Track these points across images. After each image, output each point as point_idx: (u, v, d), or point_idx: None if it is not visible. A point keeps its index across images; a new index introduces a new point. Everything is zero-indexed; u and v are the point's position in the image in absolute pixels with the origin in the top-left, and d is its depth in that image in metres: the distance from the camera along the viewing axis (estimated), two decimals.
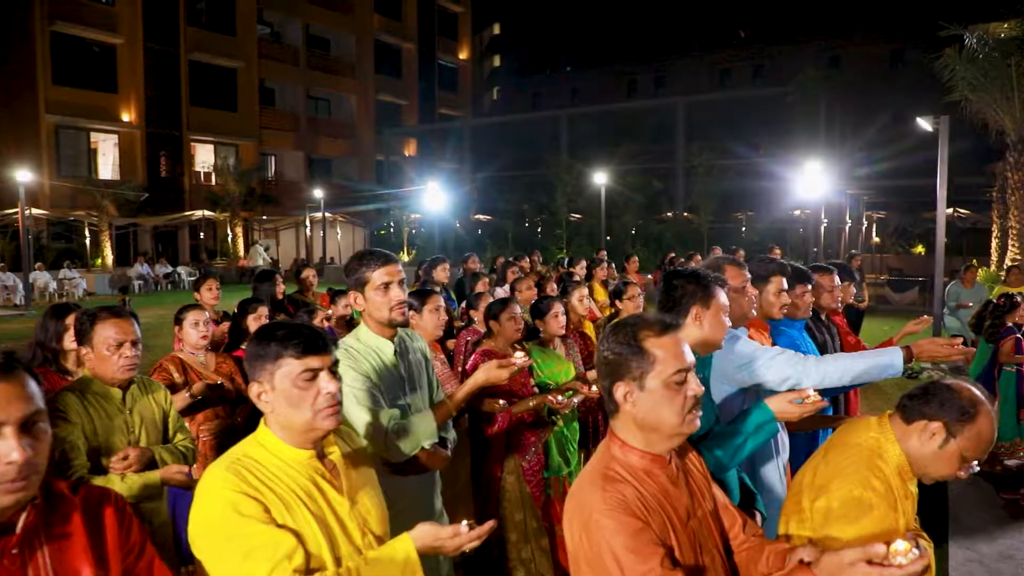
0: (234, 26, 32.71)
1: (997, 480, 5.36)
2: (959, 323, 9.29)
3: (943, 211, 10.25)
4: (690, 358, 1.58)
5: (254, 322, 4.39)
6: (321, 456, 1.70)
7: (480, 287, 6.65)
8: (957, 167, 15.46)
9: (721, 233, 24.00)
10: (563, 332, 4.07)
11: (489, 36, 56.61)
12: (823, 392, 2.83)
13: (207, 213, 28.88)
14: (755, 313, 2.70)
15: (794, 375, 2.43)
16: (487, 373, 2.30)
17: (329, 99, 38.88)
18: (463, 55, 46.27)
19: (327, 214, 31.83)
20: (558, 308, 3.99)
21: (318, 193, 27.33)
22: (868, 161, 25.83)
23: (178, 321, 3.86)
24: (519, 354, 2.13)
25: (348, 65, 38.30)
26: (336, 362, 1.68)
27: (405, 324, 2.41)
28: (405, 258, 27.10)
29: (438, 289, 6.02)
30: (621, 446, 1.59)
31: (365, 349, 2.37)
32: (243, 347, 4.26)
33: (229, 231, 30.41)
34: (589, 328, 4.73)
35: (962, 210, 21.83)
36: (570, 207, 25.73)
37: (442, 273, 6.81)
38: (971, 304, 9.11)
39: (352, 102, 38.82)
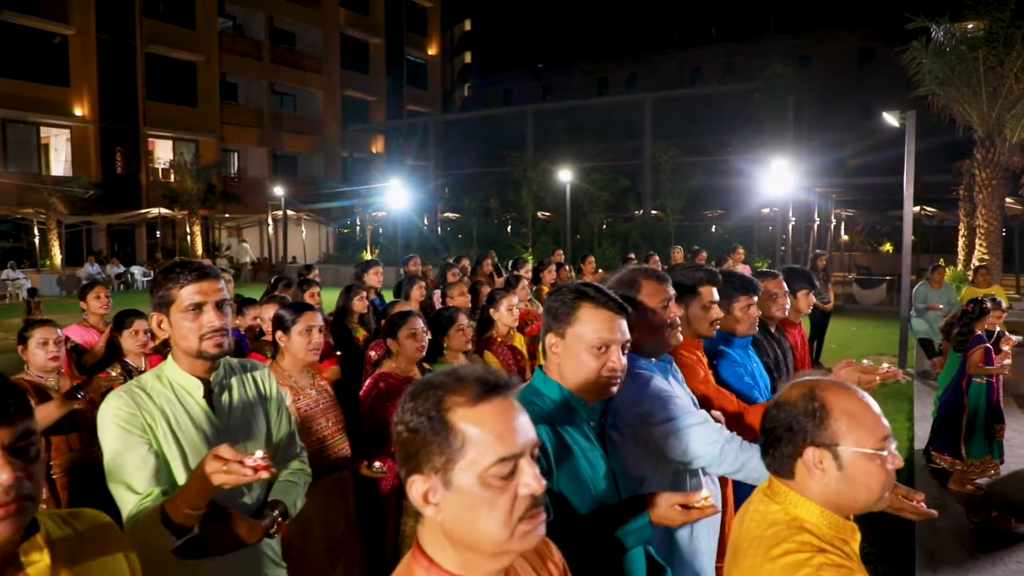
0: (194, 18, 31.84)
1: (967, 501, 4.95)
2: (927, 325, 8.97)
3: (910, 209, 9.92)
4: (525, 437, 1.06)
5: (130, 338, 3.83)
6: (16, 567, 1.17)
7: (415, 292, 6.13)
8: (925, 165, 15.26)
9: (689, 232, 23.66)
10: (468, 347, 3.58)
11: (460, 32, 55.97)
12: None
13: (164, 211, 27.92)
14: (677, 338, 2.19)
15: (707, 456, 1.92)
16: (209, 467, 1.53)
17: (294, 94, 38.08)
18: (432, 51, 45.60)
19: (291, 212, 31.06)
20: (462, 321, 3.49)
21: (278, 191, 26.52)
22: (836, 159, 25.71)
23: (22, 340, 3.28)
24: (259, 452, 1.53)
25: (314, 60, 37.52)
26: (29, 433, 1.14)
27: (223, 356, 1.87)
28: (368, 257, 26.41)
29: (364, 294, 5.51)
30: (427, 568, 1.07)
31: (162, 391, 1.82)
32: (111, 368, 3.70)
33: (188, 229, 29.50)
34: (519, 340, 4.23)
35: (929, 208, 21.73)
36: (538, 205, 25.26)
37: (374, 277, 6.26)
38: (941, 306, 8.80)
39: (318, 98, 38.02)
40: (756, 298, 2.99)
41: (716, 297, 2.65)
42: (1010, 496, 5.03)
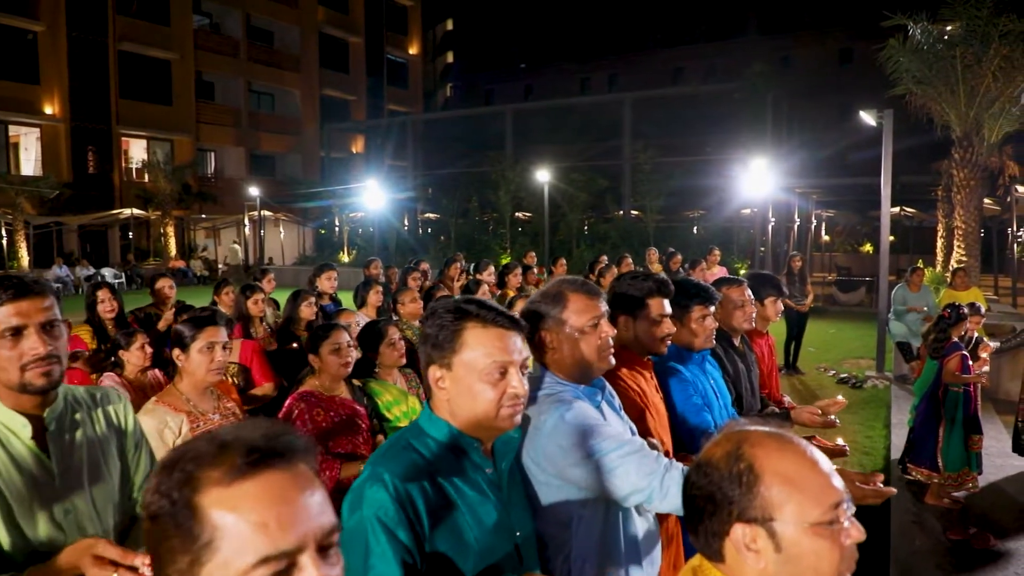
0: (168, 15, 31.32)
1: (944, 516, 4.72)
2: (905, 328, 8.78)
3: (888, 209, 9.75)
4: (309, 523, 0.77)
5: None
6: None
7: (372, 297, 5.83)
8: (905, 166, 15.16)
9: (669, 232, 23.46)
10: (403, 362, 3.29)
11: (442, 32, 55.67)
12: None
13: (136, 211, 27.38)
14: (610, 362, 1.90)
15: (646, 490, 1.61)
16: (92, 573, 1.29)
17: (273, 93, 37.60)
18: (413, 50, 45.22)
19: (269, 213, 30.63)
20: (393, 335, 3.20)
21: (253, 191, 26.07)
22: (816, 159, 25.64)
23: None
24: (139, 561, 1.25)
25: (292, 58, 37.08)
26: None
27: (52, 387, 1.57)
28: (345, 259, 26.02)
29: (313, 299, 5.19)
30: None
31: None
32: None
33: (162, 230, 28.99)
34: None
35: (908, 209, 21.69)
36: (517, 206, 24.96)
37: (327, 282, 5.95)
38: (925, 308, 8.64)
39: (296, 97, 37.55)
40: (712, 308, 2.73)
41: (667, 309, 2.38)
42: (988, 510, 4.82)
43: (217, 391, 2.63)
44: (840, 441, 2.34)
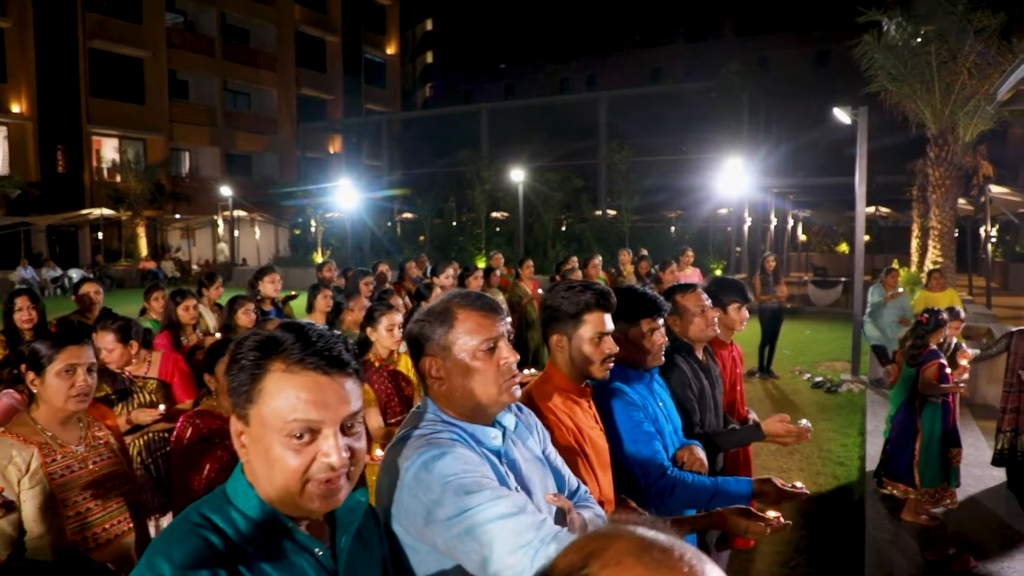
0: (140, 13, 30.76)
1: (921, 534, 4.46)
2: (879, 332, 8.57)
3: (862, 208, 9.55)
4: None
5: None
6: None
7: (320, 302, 5.50)
8: (880, 166, 15.04)
9: (644, 233, 23.18)
10: None
11: (422, 32, 55.22)
12: None
13: (106, 212, 26.75)
14: (513, 394, 1.53)
15: (515, 567, 1.19)
16: None
17: (248, 92, 37.11)
18: (391, 49, 44.82)
19: (243, 213, 30.11)
20: None
21: (226, 191, 25.56)
22: (793, 159, 25.59)
23: None
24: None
25: (268, 57, 36.60)
26: None
27: None
28: (319, 259, 25.54)
29: (252, 306, 4.84)
30: None
31: None
32: None
33: (135, 231, 28.39)
34: (406, 364, 3.62)
35: (883, 208, 21.63)
36: (493, 205, 24.59)
37: (270, 286, 5.58)
38: (901, 290, 8.49)
39: (273, 96, 37.04)
40: (662, 320, 2.42)
41: (609, 326, 2.02)
42: (967, 527, 4.57)
43: (88, 417, 2.27)
44: (799, 484, 2.04)
